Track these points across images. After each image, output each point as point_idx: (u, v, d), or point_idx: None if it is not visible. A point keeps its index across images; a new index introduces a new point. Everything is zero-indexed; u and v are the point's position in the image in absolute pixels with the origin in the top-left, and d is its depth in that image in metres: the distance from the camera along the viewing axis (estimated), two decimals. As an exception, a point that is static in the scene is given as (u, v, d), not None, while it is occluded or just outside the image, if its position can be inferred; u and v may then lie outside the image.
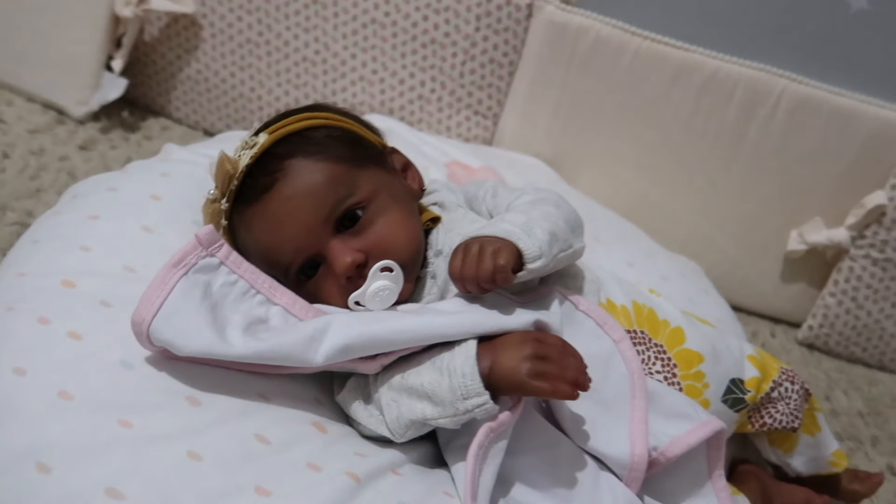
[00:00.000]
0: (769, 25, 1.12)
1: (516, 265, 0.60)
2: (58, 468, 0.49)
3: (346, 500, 0.53)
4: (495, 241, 0.60)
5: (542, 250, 0.61)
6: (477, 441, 0.56)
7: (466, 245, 0.61)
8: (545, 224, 0.63)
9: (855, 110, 1.11)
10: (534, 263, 0.60)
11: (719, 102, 1.13)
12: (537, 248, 0.60)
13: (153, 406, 0.54)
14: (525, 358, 0.55)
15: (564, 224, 0.66)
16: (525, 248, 0.60)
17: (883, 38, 1.10)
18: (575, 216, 0.69)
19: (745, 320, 1.24)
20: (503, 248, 0.59)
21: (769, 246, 1.22)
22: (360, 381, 0.63)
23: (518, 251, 0.60)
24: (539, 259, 0.60)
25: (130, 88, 1.25)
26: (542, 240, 0.61)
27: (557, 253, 0.63)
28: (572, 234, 0.66)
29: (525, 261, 0.60)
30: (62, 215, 0.72)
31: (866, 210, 1.13)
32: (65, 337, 0.57)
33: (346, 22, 1.17)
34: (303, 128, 0.67)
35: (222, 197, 0.65)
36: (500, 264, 0.58)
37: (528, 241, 0.61)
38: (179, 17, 1.21)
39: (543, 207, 0.66)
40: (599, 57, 1.13)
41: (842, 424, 1.09)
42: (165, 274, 0.57)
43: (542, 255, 0.60)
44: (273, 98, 1.24)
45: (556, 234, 0.63)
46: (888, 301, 1.18)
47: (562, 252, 0.64)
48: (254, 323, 0.59)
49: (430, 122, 1.22)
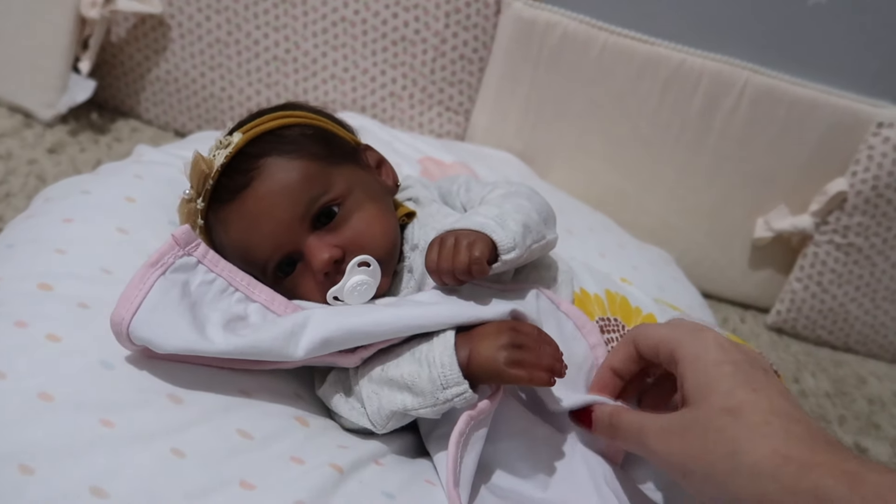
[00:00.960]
0: (731, 19, 1.15)
1: (491, 257, 0.61)
2: (41, 469, 0.49)
3: (329, 490, 0.54)
4: (470, 234, 0.61)
5: (516, 241, 0.62)
6: (458, 429, 0.57)
7: (442, 238, 0.62)
8: (518, 216, 0.65)
9: (815, 100, 1.14)
10: (508, 255, 0.62)
11: (685, 94, 1.16)
12: (511, 240, 0.62)
13: (135, 405, 0.55)
14: (502, 346, 0.57)
15: (537, 216, 0.67)
16: (499, 240, 0.61)
17: (839, 31, 1.13)
18: (547, 208, 0.70)
19: (716, 307, 1.27)
20: (478, 241, 0.61)
21: (737, 234, 1.25)
22: (341, 375, 0.64)
23: (492, 243, 0.61)
24: (513, 250, 0.62)
25: (99, 90, 1.24)
26: (515, 231, 0.63)
27: (531, 244, 0.64)
28: (545, 226, 0.68)
29: (499, 252, 0.61)
30: (36, 218, 0.72)
31: (829, 197, 1.17)
32: (43, 339, 0.57)
33: (316, 20, 1.17)
34: (276, 126, 0.67)
35: (198, 197, 0.65)
36: (475, 256, 0.59)
37: (502, 232, 0.62)
38: (147, 18, 1.21)
39: (516, 200, 0.68)
40: (567, 52, 1.15)
41: (810, 405, 1.12)
42: (143, 274, 0.57)
43: (515, 246, 0.62)
44: (244, 98, 1.24)
45: (529, 225, 0.65)
46: (851, 285, 1.22)
47: (535, 243, 0.65)
48: (233, 320, 0.59)
49: (402, 119, 1.23)
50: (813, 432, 0.44)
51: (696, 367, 0.50)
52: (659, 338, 0.55)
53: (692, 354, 0.51)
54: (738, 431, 0.45)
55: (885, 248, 1.19)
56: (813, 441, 0.43)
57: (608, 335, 0.72)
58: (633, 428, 0.53)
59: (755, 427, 0.45)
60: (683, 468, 0.48)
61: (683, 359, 0.51)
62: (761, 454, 0.43)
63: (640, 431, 0.52)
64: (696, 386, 0.49)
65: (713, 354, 0.50)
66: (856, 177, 1.15)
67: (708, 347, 0.51)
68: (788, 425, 0.44)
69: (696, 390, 0.49)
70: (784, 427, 0.44)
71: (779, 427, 0.44)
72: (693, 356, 0.51)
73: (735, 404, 0.46)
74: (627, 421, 0.55)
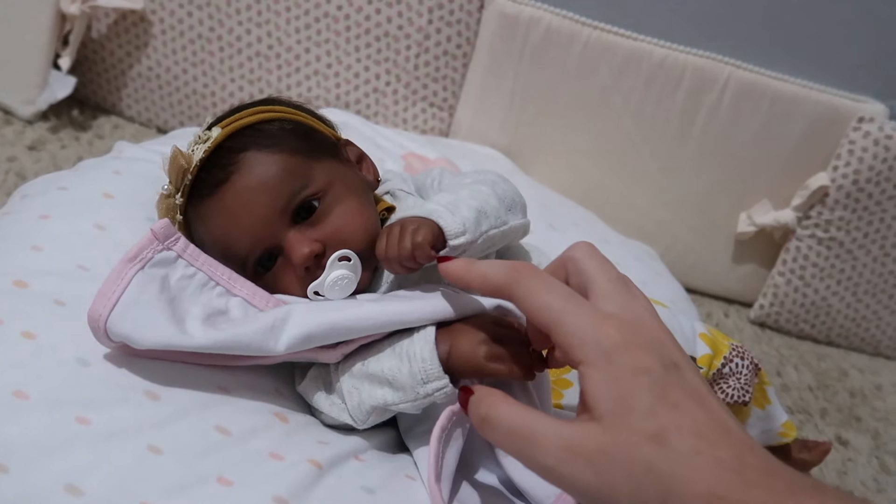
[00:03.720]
0: (714, 14, 1.15)
1: (438, 243, 0.61)
2: (15, 467, 0.49)
3: (308, 486, 0.54)
4: (415, 221, 0.61)
5: (467, 227, 0.62)
6: (440, 424, 0.57)
7: (390, 227, 0.62)
8: (472, 202, 0.64)
9: (797, 95, 1.15)
10: (457, 240, 0.61)
11: (668, 90, 1.16)
12: (460, 225, 0.61)
13: (111, 402, 0.54)
14: (482, 341, 0.56)
15: (497, 201, 0.66)
16: (445, 225, 0.61)
17: (821, 26, 1.14)
18: (511, 194, 0.70)
19: (700, 301, 1.28)
20: (422, 226, 0.60)
21: (720, 229, 1.26)
22: (321, 371, 0.63)
23: (438, 228, 0.61)
24: (462, 235, 0.61)
25: (80, 87, 1.23)
26: (466, 217, 0.62)
27: (488, 230, 0.64)
28: (507, 212, 0.67)
29: (447, 237, 0.61)
30: (12, 215, 0.71)
31: (810, 191, 1.18)
32: (18, 336, 0.56)
33: (299, 16, 1.17)
34: (256, 121, 0.67)
35: (177, 192, 0.65)
36: (417, 241, 0.59)
37: (451, 218, 0.61)
38: (128, 14, 1.20)
39: (475, 187, 0.67)
40: (551, 47, 1.15)
41: (792, 398, 1.13)
42: (121, 269, 0.57)
43: (465, 231, 0.61)
44: (227, 94, 1.23)
45: (485, 210, 0.64)
46: (833, 279, 1.23)
47: (493, 228, 0.65)
48: (213, 314, 0.59)
49: (386, 115, 1.23)
50: (743, 456, 0.38)
51: (608, 373, 0.40)
52: (541, 307, 0.44)
53: (598, 353, 0.41)
54: (667, 467, 0.38)
55: (866, 242, 1.20)
56: (745, 470, 0.37)
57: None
58: (517, 433, 0.41)
59: (685, 459, 0.38)
60: (595, 498, 0.39)
61: (587, 358, 0.41)
62: (695, 495, 0.37)
63: (530, 441, 0.40)
64: (607, 396, 0.40)
65: (626, 357, 0.40)
66: (837, 171, 1.16)
67: (616, 345, 0.41)
68: (717, 452, 0.38)
69: (608, 401, 0.40)
70: (714, 456, 0.38)
71: (709, 457, 0.38)
72: (600, 356, 0.41)
73: (658, 429, 0.38)
74: (509, 420, 0.42)
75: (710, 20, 1.16)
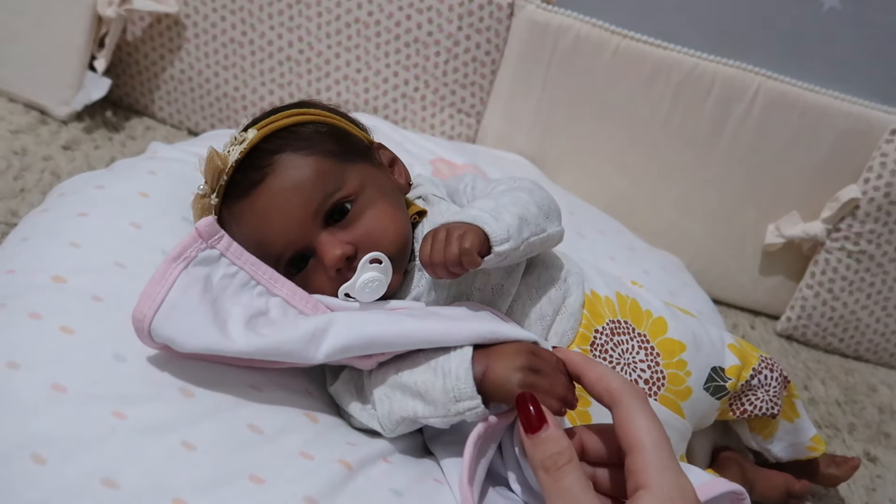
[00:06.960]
0: (744, 24, 1.15)
1: (484, 249, 0.61)
2: (53, 459, 0.50)
3: (337, 487, 0.54)
4: (461, 226, 0.61)
5: (510, 233, 0.62)
6: (476, 432, 0.56)
7: (434, 232, 0.62)
8: (514, 209, 0.65)
9: (828, 106, 1.14)
10: (501, 246, 0.61)
11: (697, 99, 1.15)
12: (504, 231, 0.62)
13: (147, 397, 0.55)
14: (518, 368, 0.56)
15: (536, 209, 0.67)
16: (491, 232, 0.61)
17: (853, 37, 1.13)
18: (549, 202, 0.70)
19: (726, 313, 1.27)
20: (469, 232, 0.61)
21: (747, 240, 1.25)
22: (354, 374, 0.64)
23: (484, 234, 0.61)
24: (507, 242, 0.62)
25: (114, 88, 1.25)
26: (509, 223, 0.63)
27: (529, 237, 0.64)
28: (545, 219, 0.68)
29: (492, 244, 0.61)
30: (50, 212, 0.72)
31: (841, 203, 1.16)
32: (57, 331, 0.58)
33: (330, 21, 1.18)
34: (291, 123, 0.67)
35: (212, 192, 0.66)
36: (465, 247, 0.59)
37: (495, 224, 0.62)
38: (162, 17, 1.21)
39: (515, 193, 0.68)
40: (579, 55, 1.15)
41: (820, 413, 1.11)
42: (165, 269, 0.57)
43: (509, 237, 0.62)
44: (257, 97, 1.25)
45: (526, 218, 0.65)
46: (863, 292, 1.21)
47: (534, 236, 0.65)
48: (254, 315, 0.59)
49: (414, 121, 1.23)
50: None
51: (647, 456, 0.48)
52: (640, 427, 0.50)
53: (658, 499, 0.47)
54: None
55: (897, 255, 1.18)
56: None
57: (618, 337, 0.71)
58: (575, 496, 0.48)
59: None
60: None
61: (649, 484, 0.47)
62: None
63: None
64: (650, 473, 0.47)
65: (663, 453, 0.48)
66: (868, 184, 1.15)
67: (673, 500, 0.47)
68: None
69: None
70: None
71: None
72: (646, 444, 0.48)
73: None
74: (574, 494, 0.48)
75: (740, 30, 1.15)
